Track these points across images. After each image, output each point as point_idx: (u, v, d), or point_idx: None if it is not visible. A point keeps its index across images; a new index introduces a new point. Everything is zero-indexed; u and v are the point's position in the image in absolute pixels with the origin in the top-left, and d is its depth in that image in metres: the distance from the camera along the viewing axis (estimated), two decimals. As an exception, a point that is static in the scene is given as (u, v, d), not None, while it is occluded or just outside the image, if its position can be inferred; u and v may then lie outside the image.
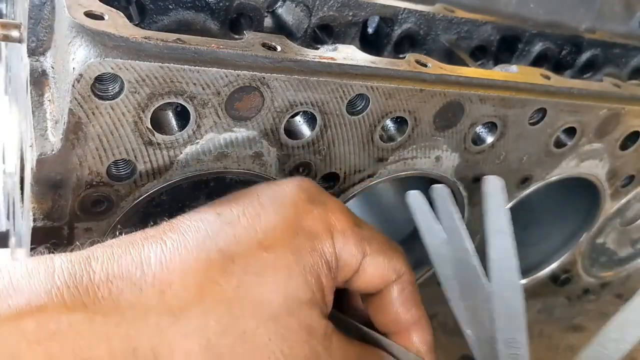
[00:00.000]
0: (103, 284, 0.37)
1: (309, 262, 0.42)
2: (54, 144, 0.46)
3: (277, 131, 0.53)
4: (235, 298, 0.39)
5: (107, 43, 0.43)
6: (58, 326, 0.35)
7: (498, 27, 0.75)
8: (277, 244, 0.41)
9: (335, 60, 0.53)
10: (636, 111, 0.73)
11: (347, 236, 0.44)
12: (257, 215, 0.43)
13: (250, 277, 0.39)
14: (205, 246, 0.40)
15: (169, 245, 0.40)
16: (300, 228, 0.43)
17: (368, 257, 0.46)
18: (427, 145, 0.62)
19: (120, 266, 0.38)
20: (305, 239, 0.42)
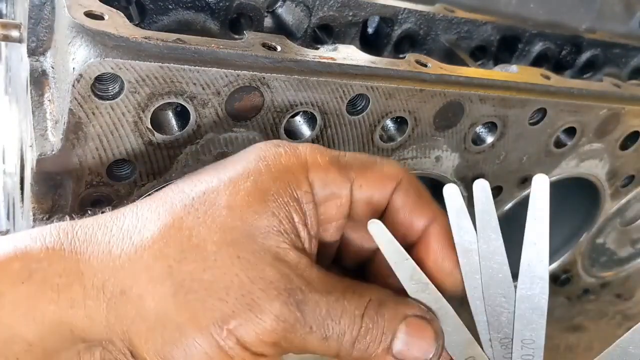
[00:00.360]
0: (81, 230, 0.40)
1: (272, 192, 0.41)
2: (54, 144, 0.46)
3: (277, 131, 0.53)
4: (195, 226, 0.39)
5: (107, 43, 0.43)
6: (38, 265, 0.38)
7: (498, 27, 0.75)
8: (237, 177, 0.42)
9: (335, 60, 0.53)
10: (636, 111, 0.73)
11: (324, 168, 0.43)
12: (224, 162, 0.44)
13: (209, 207, 0.40)
14: (171, 192, 0.42)
15: (143, 201, 0.42)
16: (263, 164, 0.42)
17: (357, 179, 0.44)
18: (427, 145, 0.62)
19: (99, 217, 0.41)
20: (267, 171, 0.42)
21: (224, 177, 0.42)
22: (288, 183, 0.42)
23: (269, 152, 0.43)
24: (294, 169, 0.42)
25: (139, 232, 0.39)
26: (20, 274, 0.38)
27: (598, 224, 0.90)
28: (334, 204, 0.44)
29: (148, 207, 0.41)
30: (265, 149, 0.43)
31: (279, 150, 0.43)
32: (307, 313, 0.39)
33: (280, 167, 0.42)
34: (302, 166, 0.43)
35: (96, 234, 0.40)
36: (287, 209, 0.41)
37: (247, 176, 0.41)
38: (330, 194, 0.43)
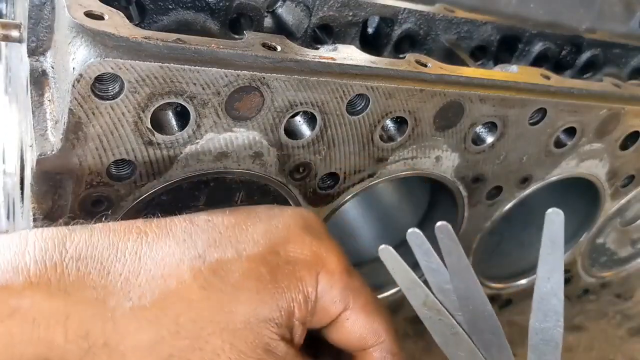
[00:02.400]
0: (72, 263, 0.37)
1: (284, 284, 0.40)
2: (54, 144, 0.46)
3: (277, 131, 0.53)
4: (198, 300, 0.38)
5: (107, 43, 0.43)
6: (19, 303, 0.36)
7: (498, 27, 0.75)
8: (255, 257, 0.40)
9: (335, 60, 0.53)
10: (636, 111, 0.73)
11: (334, 279, 0.43)
12: (246, 228, 0.42)
13: (217, 282, 0.39)
14: (183, 245, 0.40)
15: (149, 238, 0.40)
16: (285, 250, 0.42)
17: (349, 311, 0.44)
18: (427, 145, 0.62)
19: (94, 248, 0.38)
20: (287, 262, 0.41)
21: (242, 251, 0.40)
22: (301, 280, 0.41)
23: (293, 238, 0.42)
24: (313, 265, 0.42)
25: (139, 286, 0.37)
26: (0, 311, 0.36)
27: (598, 224, 0.90)
28: (320, 315, 0.43)
29: (153, 256, 0.39)
30: (291, 233, 0.43)
31: (304, 236, 0.43)
32: None
33: (301, 259, 0.42)
34: (318, 265, 0.42)
35: (90, 274, 0.37)
36: (293, 304, 0.41)
37: (264, 261, 0.40)
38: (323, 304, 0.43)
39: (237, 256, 0.40)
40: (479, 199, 0.72)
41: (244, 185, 0.57)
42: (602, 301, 1.09)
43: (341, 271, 0.43)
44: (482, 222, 0.77)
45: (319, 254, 0.43)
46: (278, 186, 0.58)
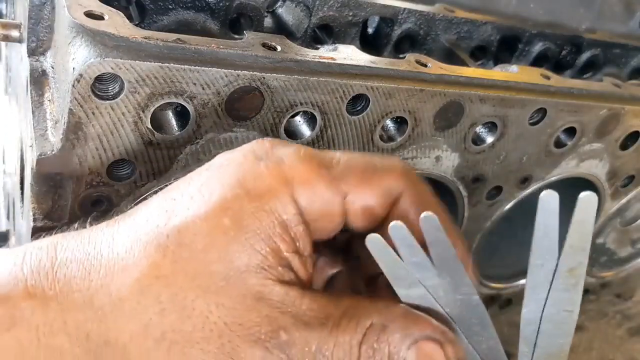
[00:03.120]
0: (61, 269, 0.38)
1: (253, 225, 0.38)
2: (54, 144, 0.46)
3: (277, 131, 0.53)
4: (172, 274, 0.37)
5: (107, 43, 0.43)
6: (21, 313, 0.37)
7: (498, 27, 0.75)
8: (214, 211, 0.38)
9: (335, 60, 0.53)
10: (636, 111, 0.73)
11: (312, 184, 0.40)
12: (199, 186, 0.40)
13: (185, 249, 0.38)
14: (146, 225, 0.39)
15: (120, 228, 0.40)
16: (242, 190, 0.39)
17: (350, 195, 0.41)
18: (427, 145, 0.62)
19: (79, 251, 0.39)
20: (248, 201, 0.38)
21: (199, 210, 0.38)
22: (272, 211, 0.39)
23: (248, 173, 0.40)
24: (278, 190, 0.39)
25: (116, 280, 0.38)
26: (4, 322, 0.37)
27: (598, 224, 0.90)
28: (326, 220, 0.41)
29: (122, 243, 0.39)
30: (244, 169, 0.40)
31: (259, 168, 0.40)
32: (293, 354, 0.37)
33: (262, 191, 0.39)
34: (287, 184, 0.39)
35: (75, 277, 0.38)
36: (272, 240, 0.38)
37: (224, 210, 0.38)
38: (320, 210, 0.40)
39: (195, 217, 0.38)
40: (479, 199, 0.73)
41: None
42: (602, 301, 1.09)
43: (316, 171, 0.40)
44: (482, 222, 0.77)
45: (281, 173, 0.40)
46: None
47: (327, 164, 0.41)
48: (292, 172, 0.40)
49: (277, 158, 0.41)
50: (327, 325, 0.38)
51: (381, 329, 0.38)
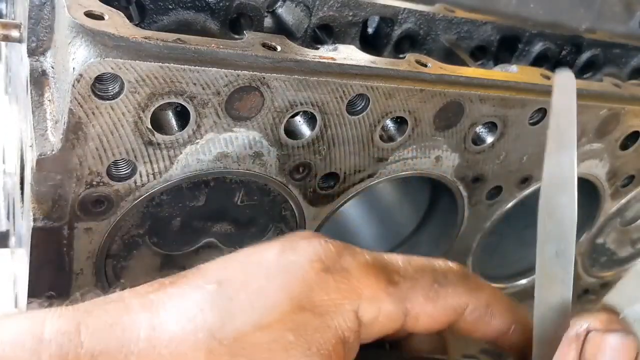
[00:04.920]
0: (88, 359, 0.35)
1: (315, 341, 0.36)
2: (54, 144, 0.46)
3: (277, 131, 0.53)
4: None
5: (107, 43, 0.43)
6: None
7: (498, 27, 0.75)
8: (276, 324, 0.36)
9: (335, 60, 0.53)
10: (636, 111, 0.73)
11: (380, 300, 0.39)
12: (259, 289, 0.38)
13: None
14: (195, 322, 0.36)
15: (160, 318, 0.37)
16: (308, 304, 0.37)
17: (414, 312, 0.41)
18: (427, 145, 0.62)
19: (109, 339, 0.36)
20: (312, 316, 0.37)
21: (260, 319, 0.36)
22: (336, 328, 0.37)
23: (315, 285, 0.38)
24: (345, 307, 0.38)
25: None
26: None
27: (598, 224, 0.90)
28: (383, 331, 0.41)
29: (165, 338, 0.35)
30: (311, 279, 0.38)
31: (327, 282, 0.38)
32: None
33: (329, 307, 0.38)
34: (354, 300, 0.39)
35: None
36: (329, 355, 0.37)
37: (288, 324, 0.36)
38: (381, 324, 0.40)
39: (256, 328, 0.36)
40: (479, 199, 0.72)
41: (244, 185, 0.57)
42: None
43: (384, 288, 0.40)
44: (482, 222, 0.77)
45: (350, 288, 0.39)
46: (278, 186, 0.58)
47: (394, 279, 0.41)
48: (360, 287, 0.39)
49: (344, 269, 0.40)
50: None
51: None
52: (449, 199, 0.72)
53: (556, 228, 0.41)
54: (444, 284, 0.43)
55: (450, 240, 0.78)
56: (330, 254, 0.41)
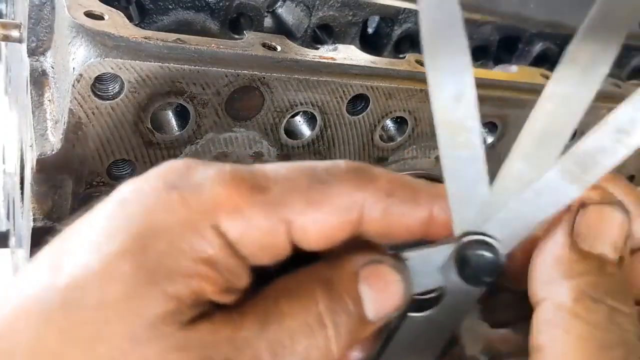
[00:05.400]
0: None
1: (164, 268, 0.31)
2: (54, 144, 0.46)
3: (277, 131, 0.53)
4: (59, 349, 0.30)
5: (107, 43, 0.43)
6: None
7: (498, 27, 0.75)
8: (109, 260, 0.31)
9: (335, 60, 0.53)
10: (636, 111, 0.73)
11: (243, 213, 0.33)
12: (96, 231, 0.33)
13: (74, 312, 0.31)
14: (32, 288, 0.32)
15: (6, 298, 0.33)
16: (149, 229, 0.32)
17: (298, 222, 0.34)
18: (427, 145, 0.62)
19: None
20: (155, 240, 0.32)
21: (90, 260, 0.31)
22: (191, 249, 0.32)
23: (156, 206, 0.32)
24: (197, 223, 0.32)
25: None
26: None
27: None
28: (269, 251, 0.34)
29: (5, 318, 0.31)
30: (151, 201, 0.33)
31: (170, 199, 0.32)
32: None
33: (175, 227, 0.32)
34: (209, 215, 0.32)
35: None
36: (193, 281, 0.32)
37: (123, 256, 0.31)
38: (259, 242, 0.33)
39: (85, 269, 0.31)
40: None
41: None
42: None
43: (246, 197, 0.33)
44: (482, 222, 0.77)
45: (201, 202, 0.33)
46: (278, 186, 0.58)
47: (262, 186, 0.34)
48: (215, 200, 0.33)
49: (194, 184, 0.33)
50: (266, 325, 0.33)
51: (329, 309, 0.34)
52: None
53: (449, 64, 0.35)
54: (328, 182, 0.34)
55: (450, 240, 0.78)
56: (175, 170, 0.34)
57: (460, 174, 0.35)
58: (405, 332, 0.37)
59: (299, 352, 0.32)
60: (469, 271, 0.35)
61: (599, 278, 0.34)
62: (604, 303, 0.33)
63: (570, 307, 0.33)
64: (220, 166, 0.35)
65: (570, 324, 0.33)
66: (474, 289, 0.35)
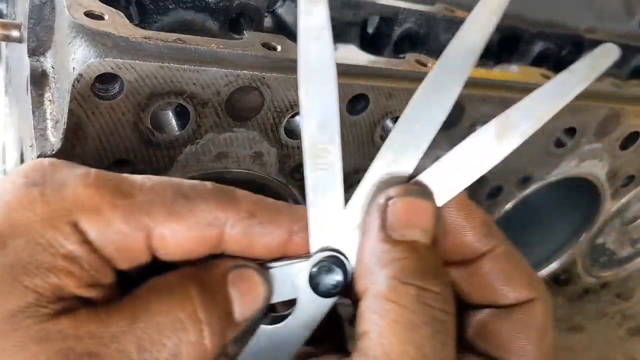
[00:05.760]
0: None
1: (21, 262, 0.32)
2: (54, 144, 0.46)
3: (277, 131, 0.53)
4: None
5: (107, 43, 0.43)
6: None
7: (498, 27, 0.75)
8: None
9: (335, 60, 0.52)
10: (636, 111, 0.73)
11: (103, 215, 0.34)
12: None
13: None
14: None
15: None
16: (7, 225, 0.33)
17: (158, 231, 0.35)
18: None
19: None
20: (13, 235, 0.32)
21: None
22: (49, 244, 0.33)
23: (15, 202, 0.33)
24: (55, 219, 0.33)
25: None
26: None
27: (598, 224, 0.90)
28: (127, 255, 0.35)
29: None
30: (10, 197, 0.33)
31: (30, 196, 0.33)
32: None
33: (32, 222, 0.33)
34: (68, 212, 0.33)
35: None
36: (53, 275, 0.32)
37: None
38: (117, 245, 0.35)
39: None
40: (479, 199, 0.72)
41: (244, 185, 0.57)
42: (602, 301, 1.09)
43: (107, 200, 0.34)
44: (482, 222, 0.77)
45: (60, 200, 0.33)
46: (278, 186, 0.58)
47: (126, 192, 0.35)
48: (75, 199, 0.34)
49: (57, 182, 0.34)
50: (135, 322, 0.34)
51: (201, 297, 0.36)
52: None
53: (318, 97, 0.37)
54: (192, 198, 0.36)
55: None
56: (40, 168, 0.35)
57: (320, 194, 0.39)
58: (257, 342, 0.40)
59: (168, 347, 0.34)
60: (320, 284, 0.38)
61: (409, 262, 0.36)
62: (413, 285, 0.36)
63: (384, 293, 0.36)
64: (86, 169, 0.36)
65: (384, 309, 0.35)
66: (325, 300, 0.39)
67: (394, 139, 0.39)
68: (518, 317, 0.40)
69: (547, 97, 0.38)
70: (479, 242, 0.41)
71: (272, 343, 0.39)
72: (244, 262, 0.38)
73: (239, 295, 0.37)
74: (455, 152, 0.40)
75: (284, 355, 0.40)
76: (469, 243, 0.41)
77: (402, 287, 0.36)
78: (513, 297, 0.40)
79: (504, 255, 0.41)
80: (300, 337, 0.40)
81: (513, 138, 0.38)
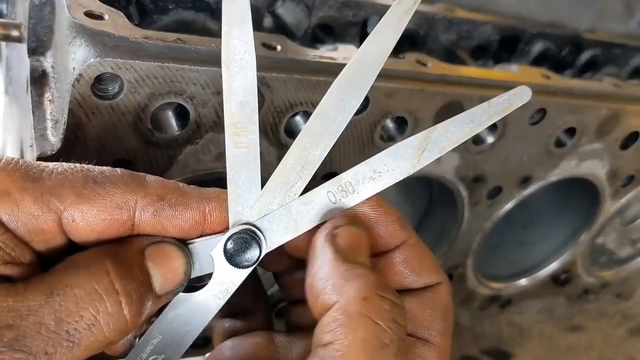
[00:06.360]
0: None
1: None
2: (54, 144, 0.46)
3: (277, 131, 0.53)
4: None
5: (107, 43, 0.43)
6: None
7: (498, 27, 0.75)
8: None
9: (335, 60, 0.53)
10: (636, 111, 0.73)
11: (11, 197, 0.36)
12: None
13: None
14: None
15: None
16: None
17: (67, 213, 0.37)
18: (427, 145, 0.62)
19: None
20: None
21: None
22: None
23: None
24: None
25: None
26: None
27: (598, 224, 0.90)
28: (39, 237, 0.37)
29: None
30: None
31: None
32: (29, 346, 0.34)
33: None
34: None
35: None
36: None
37: None
38: (28, 227, 0.36)
39: None
40: (479, 198, 0.73)
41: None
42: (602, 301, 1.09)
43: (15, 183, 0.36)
44: (482, 222, 0.77)
45: None
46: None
47: (36, 176, 0.37)
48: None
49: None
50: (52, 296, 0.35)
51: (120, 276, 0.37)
52: (449, 199, 0.72)
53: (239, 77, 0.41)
54: (101, 182, 0.38)
55: (450, 240, 0.78)
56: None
57: (239, 172, 0.41)
58: (172, 307, 0.42)
59: (85, 318, 0.35)
60: (235, 256, 0.41)
61: (374, 278, 0.39)
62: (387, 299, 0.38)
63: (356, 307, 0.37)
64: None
65: (354, 323, 0.37)
66: (240, 271, 0.41)
67: (311, 125, 0.41)
68: (427, 297, 0.43)
69: (467, 122, 0.41)
70: (395, 235, 0.44)
71: (187, 309, 0.41)
72: (161, 238, 0.40)
73: (156, 269, 0.39)
74: (378, 158, 0.42)
75: (198, 322, 0.41)
76: (386, 236, 0.44)
77: (377, 300, 0.37)
78: (423, 282, 0.43)
79: (415, 245, 0.44)
80: (215, 306, 0.41)
81: (432, 152, 0.40)
